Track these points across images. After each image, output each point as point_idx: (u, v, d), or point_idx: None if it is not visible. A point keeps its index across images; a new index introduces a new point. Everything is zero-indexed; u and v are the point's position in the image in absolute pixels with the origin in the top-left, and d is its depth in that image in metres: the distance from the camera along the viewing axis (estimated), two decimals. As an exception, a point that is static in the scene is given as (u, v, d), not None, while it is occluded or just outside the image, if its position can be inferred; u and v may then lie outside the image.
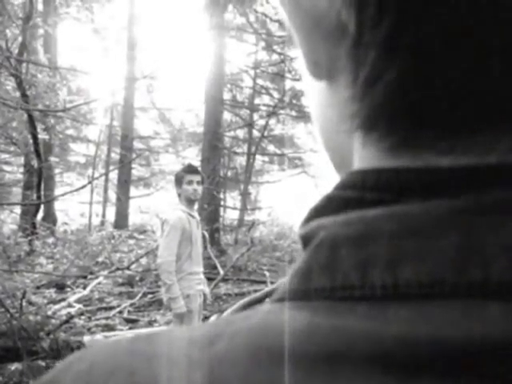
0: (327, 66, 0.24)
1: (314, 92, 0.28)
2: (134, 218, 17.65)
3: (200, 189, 3.60)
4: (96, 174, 17.21)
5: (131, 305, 6.56)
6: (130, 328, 5.39)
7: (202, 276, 3.65)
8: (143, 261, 8.67)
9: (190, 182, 3.55)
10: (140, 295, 7.01)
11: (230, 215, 15.98)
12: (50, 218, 13.80)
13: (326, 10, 0.22)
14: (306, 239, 0.24)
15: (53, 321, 4.64)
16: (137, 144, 19.10)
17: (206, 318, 5.24)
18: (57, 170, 17.43)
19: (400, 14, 0.20)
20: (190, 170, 3.61)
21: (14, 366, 3.78)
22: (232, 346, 0.20)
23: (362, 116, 0.22)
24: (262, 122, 14.73)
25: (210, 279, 6.39)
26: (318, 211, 0.24)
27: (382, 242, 0.20)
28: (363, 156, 0.24)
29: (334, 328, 0.19)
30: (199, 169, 3.86)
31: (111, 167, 17.61)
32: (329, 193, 0.24)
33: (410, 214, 0.20)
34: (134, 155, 16.08)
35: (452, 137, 0.21)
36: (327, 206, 0.24)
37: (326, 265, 0.21)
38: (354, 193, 0.22)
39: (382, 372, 0.17)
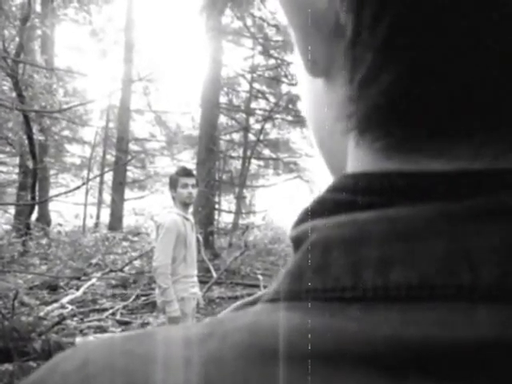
0: (325, 65, 0.25)
1: (311, 91, 0.28)
2: (128, 220, 17.64)
3: (194, 192, 3.61)
4: (91, 176, 17.19)
5: (124, 307, 6.55)
6: (123, 330, 5.38)
7: (195, 279, 3.66)
8: (137, 263, 8.66)
9: (185, 186, 3.55)
10: (133, 297, 7.00)
11: (224, 218, 15.99)
12: (44, 218, 13.77)
13: (325, 9, 0.23)
14: (297, 241, 0.24)
15: (45, 322, 4.64)
16: (132, 146, 19.11)
17: (199, 321, 5.25)
18: (52, 171, 17.40)
19: (398, 17, 0.20)
20: (184, 173, 3.62)
21: (5, 367, 3.76)
22: (223, 345, 0.20)
23: (356, 117, 0.23)
24: (257, 126, 14.75)
25: (203, 282, 6.39)
26: (310, 213, 0.24)
27: (372, 245, 0.20)
28: (356, 157, 0.25)
29: (326, 328, 0.19)
30: (193, 172, 3.86)
31: (106, 169, 17.60)
32: (321, 195, 0.24)
33: (400, 217, 0.20)
34: (129, 157, 16.08)
35: (443, 141, 0.21)
36: (319, 209, 0.24)
37: (317, 266, 0.21)
38: (346, 196, 0.23)
39: (372, 373, 0.17)
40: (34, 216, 11.71)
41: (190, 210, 3.81)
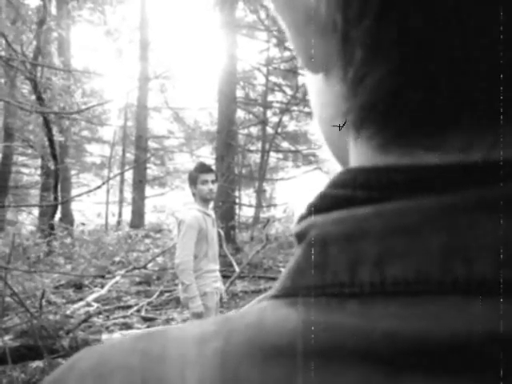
0: (322, 60, 0.25)
1: (313, 86, 0.28)
2: (149, 217, 17.79)
3: (215, 187, 3.62)
4: (111, 175, 17.35)
5: (148, 303, 6.62)
6: (148, 326, 5.44)
7: (218, 274, 3.68)
8: (160, 259, 8.73)
9: (205, 182, 3.56)
10: (157, 294, 7.07)
11: (245, 213, 16.02)
12: (68, 218, 13.96)
13: (316, 6, 0.23)
14: (299, 237, 0.25)
15: (72, 320, 4.70)
16: (151, 144, 19.23)
17: (222, 315, 5.27)
18: (73, 172, 17.64)
19: (382, 11, 0.20)
20: (203, 169, 3.62)
21: (36, 364, 3.84)
22: (228, 343, 0.21)
23: (352, 114, 0.23)
24: (275, 119, 14.72)
25: (226, 277, 6.42)
26: (312, 209, 0.25)
27: (370, 240, 0.20)
28: (356, 152, 0.25)
29: (325, 324, 0.20)
30: (212, 167, 3.87)
31: (126, 167, 17.75)
32: (322, 191, 0.25)
33: (398, 211, 0.20)
34: (148, 155, 16.20)
35: (437, 134, 0.21)
36: (320, 204, 0.24)
37: (317, 263, 0.22)
38: (346, 191, 0.23)
39: (370, 367, 0.18)
40: (58, 216, 11.88)
41: (211, 205, 3.83)
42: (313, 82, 0.28)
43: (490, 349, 0.17)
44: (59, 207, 11.07)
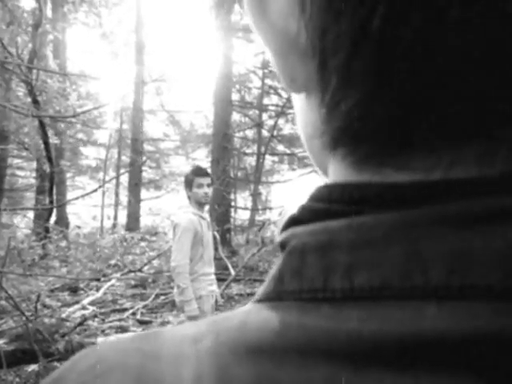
0: (302, 83, 0.27)
1: (297, 104, 0.31)
2: (145, 220, 17.76)
3: (210, 191, 3.62)
4: (107, 178, 17.35)
5: (144, 306, 6.61)
6: (144, 329, 5.44)
7: (213, 277, 3.69)
8: (155, 263, 8.73)
9: (200, 185, 3.56)
10: (153, 297, 7.07)
11: (240, 216, 16.04)
12: (63, 221, 13.93)
13: (297, 33, 0.25)
14: (282, 246, 0.27)
15: (67, 323, 4.70)
16: (147, 146, 19.23)
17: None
18: (68, 174, 17.60)
19: (355, 45, 0.22)
20: (199, 172, 3.63)
21: (31, 368, 3.84)
22: (216, 343, 0.23)
23: (327, 136, 0.25)
24: (271, 122, 14.76)
25: (221, 280, 6.42)
26: (293, 221, 0.27)
27: (341, 251, 0.23)
28: (333, 169, 0.28)
29: (301, 326, 0.22)
30: (208, 170, 3.87)
31: (122, 170, 17.73)
32: (303, 204, 0.27)
33: (366, 225, 0.22)
34: (144, 158, 16.19)
35: (405, 155, 0.23)
36: (300, 216, 0.26)
37: (295, 270, 0.24)
38: (323, 205, 0.25)
39: (338, 363, 0.20)
40: (53, 219, 11.85)
41: (206, 208, 3.83)
42: (296, 100, 0.30)
43: (436, 346, 0.19)
44: (54, 210, 11.05)
